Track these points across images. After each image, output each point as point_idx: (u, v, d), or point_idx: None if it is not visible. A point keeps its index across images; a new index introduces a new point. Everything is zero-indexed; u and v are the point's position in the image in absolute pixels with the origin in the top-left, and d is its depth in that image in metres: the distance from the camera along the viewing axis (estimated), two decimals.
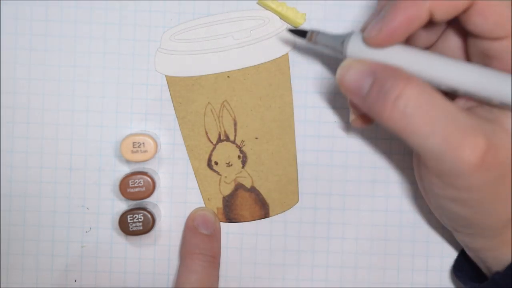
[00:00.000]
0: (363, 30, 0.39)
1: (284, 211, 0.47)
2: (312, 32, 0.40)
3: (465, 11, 0.35)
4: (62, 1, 0.46)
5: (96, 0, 0.46)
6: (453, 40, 0.39)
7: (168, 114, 0.46)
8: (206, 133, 0.46)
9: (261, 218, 0.47)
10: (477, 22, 0.35)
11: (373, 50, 0.36)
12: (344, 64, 0.37)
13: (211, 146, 0.46)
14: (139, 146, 0.44)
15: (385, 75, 0.35)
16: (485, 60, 0.37)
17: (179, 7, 0.46)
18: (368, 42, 0.36)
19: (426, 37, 0.39)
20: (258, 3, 0.46)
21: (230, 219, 0.47)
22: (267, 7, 0.46)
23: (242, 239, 0.47)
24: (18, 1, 0.45)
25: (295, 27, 0.46)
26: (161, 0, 0.46)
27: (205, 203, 0.47)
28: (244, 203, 0.47)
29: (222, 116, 0.46)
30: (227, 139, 0.46)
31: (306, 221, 0.47)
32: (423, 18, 0.35)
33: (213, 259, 0.45)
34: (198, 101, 0.46)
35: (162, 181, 0.46)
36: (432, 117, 0.34)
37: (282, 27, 0.46)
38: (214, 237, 0.46)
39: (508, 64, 0.35)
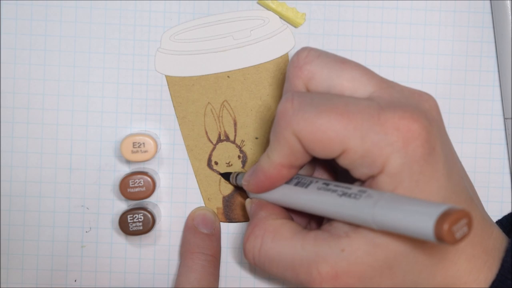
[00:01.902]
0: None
1: None
2: (235, 174, 0.45)
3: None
4: (62, 1, 0.46)
5: (96, 0, 0.46)
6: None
7: (168, 114, 0.46)
8: (206, 133, 0.46)
9: None
10: (344, 163, 0.35)
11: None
12: (246, 201, 0.42)
13: (211, 146, 0.46)
14: (139, 146, 0.44)
15: (252, 224, 0.38)
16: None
17: (179, 7, 0.46)
18: (246, 189, 0.40)
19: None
20: (258, 3, 0.46)
21: (230, 219, 0.47)
22: (267, 7, 0.46)
23: (242, 239, 0.47)
24: (18, 1, 0.45)
25: (295, 27, 0.46)
26: (161, 0, 0.46)
27: (205, 203, 0.47)
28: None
29: (222, 116, 0.46)
30: (227, 139, 0.46)
31: None
32: (287, 173, 0.37)
33: (213, 258, 0.45)
34: (198, 101, 0.46)
35: (162, 181, 0.46)
36: (283, 262, 0.36)
37: (282, 27, 0.46)
38: (214, 236, 0.46)
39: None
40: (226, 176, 0.46)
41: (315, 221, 0.42)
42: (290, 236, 0.36)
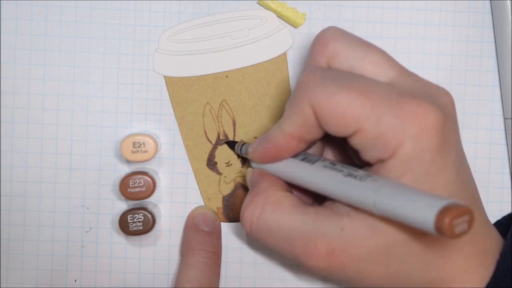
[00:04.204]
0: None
1: None
2: (240, 144, 0.45)
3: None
4: (62, 1, 0.46)
5: (96, 0, 0.46)
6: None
7: (168, 114, 0.46)
8: (205, 133, 0.46)
9: None
10: (357, 144, 0.35)
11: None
12: (247, 170, 0.42)
13: (210, 146, 0.46)
14: (139, 146, 0.44)
15: (253, 193, 0.38)
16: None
17: (179, 7, 0.46)
18: (250, 158, 0.40)
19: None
20: (258, 3, 0.46)
21: (230, 219, 0.47)
22: (267, 7, 0.46)
23: (242, 239, 0.47)
24: (18, 1, 0.46)
25: (295, 27, 0.46)
26: (161, 0, 0.46)
27: (205, 203, 0.47)
28: None
29: (221, 116, 0.46)
30: (226, 139, 0.46)
31: None
32: (296, 146, 0.37)
33: (214, 255, 0.45)
34: (196, 101, 0.46)
35: (162, 181, 0.46)
36: (280, 234, 0.36)
37: (279, 26, 0.46)
38: (215, 234, 0.46)
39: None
40: (231, 144, 0.46)
41: (318, 203, 0.41)
42: (290, 209, 0.36)
